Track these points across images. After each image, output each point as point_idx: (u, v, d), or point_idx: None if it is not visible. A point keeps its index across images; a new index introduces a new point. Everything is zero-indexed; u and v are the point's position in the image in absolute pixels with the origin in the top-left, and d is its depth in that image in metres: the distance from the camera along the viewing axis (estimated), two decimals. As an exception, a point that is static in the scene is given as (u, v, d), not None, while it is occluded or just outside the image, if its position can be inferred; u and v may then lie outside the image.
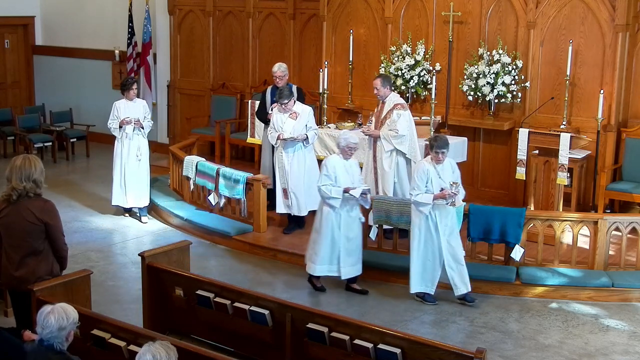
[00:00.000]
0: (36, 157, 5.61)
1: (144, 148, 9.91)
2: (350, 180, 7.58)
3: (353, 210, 7.65)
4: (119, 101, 9.93)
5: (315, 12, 11.73)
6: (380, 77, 8.77)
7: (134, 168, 9.84)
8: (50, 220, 5.54)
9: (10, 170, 5.48)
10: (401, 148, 8.55)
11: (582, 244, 8.20)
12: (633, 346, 6.78)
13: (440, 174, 7.33)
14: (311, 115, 8.94)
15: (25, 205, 5.46)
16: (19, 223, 5.48)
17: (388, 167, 8.62)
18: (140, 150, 9.85)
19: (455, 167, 7.51)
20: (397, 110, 8.54)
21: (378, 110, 8.79)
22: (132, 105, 9.84)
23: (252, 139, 10.63)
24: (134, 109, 9.81)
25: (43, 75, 15.56)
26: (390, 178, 8.62)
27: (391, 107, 8.59)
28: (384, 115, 8.62)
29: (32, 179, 5.44)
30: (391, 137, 8.51)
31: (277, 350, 5.83)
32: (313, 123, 8.95)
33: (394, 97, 8.73)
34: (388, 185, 8.64)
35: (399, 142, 8.53)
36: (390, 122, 8.53)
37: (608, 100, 9.39)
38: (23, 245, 5.53)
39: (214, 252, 9.07)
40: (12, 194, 5.44)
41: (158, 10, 13.55)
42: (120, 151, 9.84)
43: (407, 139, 8.55)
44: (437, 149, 7.27)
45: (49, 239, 5.59)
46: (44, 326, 4.27)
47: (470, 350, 5.02)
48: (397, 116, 8.51)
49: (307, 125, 8.85)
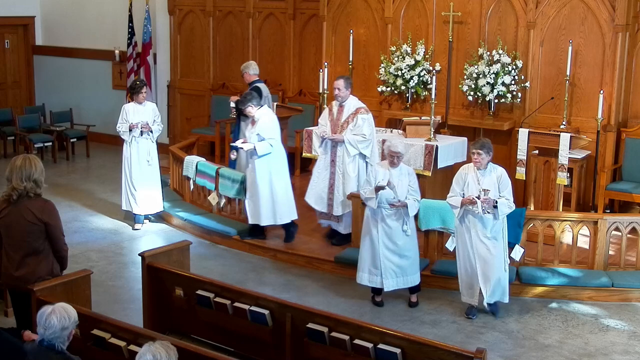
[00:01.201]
0: (36, 157, 5.61)
1: (153, 152, 9.65)
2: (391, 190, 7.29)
3: (395, 221, 7.30)
4: (128, 104, 9.67)
5: (315, 12, 11.73)
6: (343, 78, 8.58)
7: (146, 173, 9.58)
8: (51, 220, 5.53)
9: (11, 170, 5.48)
10: (366, 152, 8.42)
11: (582, 244, 8.20)
12: (633, 346, 6.78)
13: (480, 180, 7.04)
14: (266, 125, 8.42)
15: (26, 205, 5.46)
16: (19, 223, 5.47)
17: (353, 171, 8.43)
18: (150, 155, 9.60)
19: (504, 178, 7.06)
20: (361, 115, 8.40)
21: (335, 113, 8.58)
22: (141, 108, 9.54)
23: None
24: (143, 113, 9.53)
25: (43, 75, 15.56)
26: (353, 182, 8.43)
27: (353, 111, 8.44)
28: (344, 119, 8.47)
29: (33, 178, 5.44)
30: (358, 142, 8.35)
31: (277, 350, 5.83)
32: (268, 133, 8.41)
33: (353, 100, 8.58)
34: (350, 190, 8.44)
35: (365, 147, 8.39)
36: (354, 127, 8.36)
37: (608, 100, 9.39)
38: (23, 245, 5.53)
39: (214, 252, 9.07)
40: (13, 194, 5.44)
41: (158, 10, 13.56)
42: (129, 155, 9.57)
43: (371, 142, 8.45)
44: (472, 148, 7.07)
45: (49, 239, 5.59)
46: (46, 327, 4.26)
47: (470, 350, 5.01)
48: (362, 120, 8.37)
49: (259, 134, 8.43)
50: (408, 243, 7.37)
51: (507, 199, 7.01)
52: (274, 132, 8.50)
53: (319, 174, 8.70)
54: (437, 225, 7.97)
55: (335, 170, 8.56)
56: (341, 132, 8.45)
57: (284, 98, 12.22)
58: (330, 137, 8.50)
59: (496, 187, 7.02)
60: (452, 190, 7.18)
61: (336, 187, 8.57)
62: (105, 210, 10.49)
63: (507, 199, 7.01)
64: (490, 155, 7.07)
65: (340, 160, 8.48)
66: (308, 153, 9.61)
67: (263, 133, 8.40)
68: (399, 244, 7.33)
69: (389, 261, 7.32)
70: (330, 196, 8.62)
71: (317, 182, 8.71)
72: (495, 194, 7.00)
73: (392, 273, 7.35)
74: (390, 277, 7.35)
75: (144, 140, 9.55)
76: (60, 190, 11.33)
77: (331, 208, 8.66)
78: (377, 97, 11.01)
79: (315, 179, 8.75)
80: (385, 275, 7.34)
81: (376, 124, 10.17)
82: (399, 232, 7.32)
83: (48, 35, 15.52)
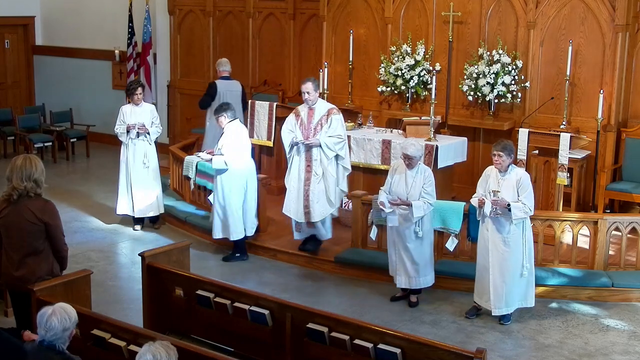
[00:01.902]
0: (37, 157, 5.62)
1: (150, 154, 9.53)
2: (403, 190, 7.29)
3: (406, 220, 7.32)
4: (125, 106, 9.58)
5: (315, 12, 11.73)
6: (310, 80, 8.25)
7: (142, 175, 9.49)
8: (51, 220, 5.53)
9: (11, 170, 5.48)
10: (342, 153, 8.20)
11: (582, 244, 8.20)
12: (633, 346, 6.78)
13: (501, 182, 6.93)
14: (226, 141, 8.39)
15: (26, 205, 5.46)
16: (19, 223, 5.48)
17: (334, 173, 8.21)
18: (147, 157, 9.47)
19: (523, 181, 6.92)
20: (335, 115, 8.18)
21: (305, 116, 8.26)
22: (138, 109, 9.44)
23: (252, 140, 10.61)
24: (140, 114, 9.42)
25: (43, 75, 15.56)
26: (334, 184, 8.24)
27: (325, 113, 8.19)
28: (316, 122, 8.19)
29: (33, 178, 5.44)
30: (335, 144, 8.12)
31: (277, 350, 5.83)
32: (225, 149, 8.37)
33: (323, 102, 8.41)
34: (331, 190, 8.22)
35: (341, 148, 8.18)
36: (328, 129, 8.12)
37: (608, 100, 9.39)
38: (23, 245, 5.53)
39: (214, 252, 9.07)
40: (13, 194, 5.45)
41: (158, 10, 13.56)
42: (125, 157, 9.49)
43: (345, 143, 8.27)
44: (493, 150, 6.96)
45: (49, 239, 5.58)
46: (47, 329, 4.25)
47: (470, 350, 5.01)
48: (337, 121, 8.16)
49: (217, 146, 8.46)
50: (419, 246, 7.38)
51: (524, 204, 6.85)
52: (232, 150, 8.39)
53: (292, 184, 8.34)
54: (438, 225, 7.97)
55: (311, 176, 8.22)
56: (314, 135, 8.16)
57: (284, 98, 12.22)
58: (307, 142, 8.16)
59: (515, 190, 6.91)
60: (476, 192, 7.16)
61: (312, 192, 8.21)
62: (106, 210, 10.49)
63: (524, 204, 6.85)
64: (511, 158, 6.96)
65: (318, 164, 8.19)
66: None
67: (222, 149, 8.41)
68: (412, 243, 7.36)
69: (400, 259, 7.40)
70: (306, 203, 8.24)
71: (292, 192, 8.34)
72: (511, 196, 6.89)
73: (402, 271, 7.43)
74: (401, 275, 7.45)
75: (141, 142, 9.45)
76: (60, 190, 11.33)
77: (308, 216, 8.28)
78: (377, 97, 11.01)
79: (290, 188, 8.37)
80: (399, 273, 7.46)
81: (376, 123, 10.25)
82: (410, 232, 7.35)
83: (48, 35, 15.52)
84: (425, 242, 7.42)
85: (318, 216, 8.28)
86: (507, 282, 7.02)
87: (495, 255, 7.02)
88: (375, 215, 8.23)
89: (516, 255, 7.01)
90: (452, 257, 8.11)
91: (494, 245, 7.02)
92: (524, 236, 7.01)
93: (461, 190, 9.66)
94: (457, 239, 8.00)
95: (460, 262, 8.05)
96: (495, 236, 7.00)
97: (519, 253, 7.01)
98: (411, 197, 7.25)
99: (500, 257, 7.00)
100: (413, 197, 7.24)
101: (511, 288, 7.05)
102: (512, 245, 6.98)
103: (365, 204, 8.41)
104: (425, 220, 7.37)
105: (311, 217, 8.29)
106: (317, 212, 8.26)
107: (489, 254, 7.05)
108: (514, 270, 7.02)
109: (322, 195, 8.23)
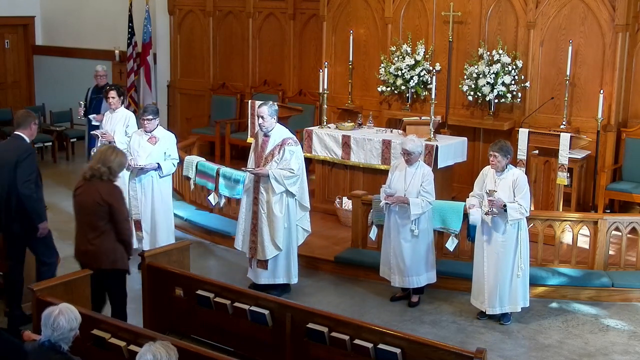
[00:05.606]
0: (122, 151, 6.23)
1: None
2: (402, 187, 7.28)
3: (403, 218, 7.30)
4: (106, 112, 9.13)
5: (315, 12, 11.74)
6: (266, 105, 7.39)
7: None
8: (115, 202, 5.94)
9: (95, 154, 6.20)
10: (293, 189, 7.33)
11: (582, 244, 8.20)
12: (633, 346, 6.78)
13: (497, 182, 6.90)
14: (173, 143, 8.11)
15: (96, 186, 5.94)
16: (87, 202, 5.96)
17: (279, 211, 7.34)
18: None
19: (519, 182, 6.87)
20: (289, 147, 7.30)
21: (259, 144, 7.46)
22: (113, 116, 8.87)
23: (252, 139, 10.60)
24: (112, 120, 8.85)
25: (43, 75, 15.55)
26: (280, 224, 7.36)
27: (279, 142, 7.32)
28: (269, 151, 7.35)
29: (108, 165, 5.96)
30: (284, 178, 7.25)
31: (277, 350, 5.83)
32: (174, 152, 8.09)
33: (280, 130, 7.43)
34: (277, 232, 7.36)
35: (292, 183, 7.31)
36: (280, 160, 7.29)
37: (608, 100, 9.39)
38: (89, 223, 5.98)
39: (214, 252, 9.07)
40: (87, 172, 6.00)
41: (158, 10, 13.56)
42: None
43: (299, 178, 7.39)
44: (489, 150, 6.96)
45: (112, 221, 5.96)
46: (54, 328, 4.26)
47: (470, 350, 5.02)
48: (290, 153, 7.28)
49: (165, 152, 8.08)
50: (414, 245, 7.36)
51: (520, 204, 6.83)
52: None
53: (241, 214, 7.63)
54: (437, 225, 7.96)
55: (259, 210, 7.41)
56: (265, 165, 7.36)
57: (284, 98, 12.22)
58: (253, 172, 7.38)
59: (511, 190, 6.88)
60: (473, 191, 7.17)
61: (259, 228, 7.42)
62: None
63: (520, 204, 6.83)
64: (507, 158, 6.93)
65: (264, 199, 7.38)
66: (308, 153, 9.59)
67: (170, 150, 8.16)
68: (408, 241, 7.35)
69: (395, 257, 7.39)
70: (253, 238, 7.47)
71: (240, 223, 7.63)
72: (507, 196, 6.87)
73: (397, 270, 7.42)
74: (397, 274, 7.43)
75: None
76: (60, 190, 11.31)
77: (254, 251, 7.51)
78: (377, 97, 11.01)
79: (239, 219, 7.67)
80: (393, 271, 7.44)
81: (376, 123, 10.24)
82: (407, 230, 7.34)
83: (48, 35, 15.51)
84: (421, 241, 7.39)
85: (263, 255, 7.48)
86: (501, 282, 7.01)
87: (490, 256, 7.03)
88: (375, 215, 8.25)
89: (511, 256, 7.00)
90: (452, 257, 8.11)
91: (490, 245, 7.03)
92: (519, 237, 7.00)
93: (461, 190, 9.66)
94: (457, 239, 7.99)
95: (460, 262, 8.04)
96: (491, 236, 7.01)
97: (513, 253, 7.01)
98: (409, 194, 7.25)
99: (496, 257, 7.01)
100: (411, 193, 7.24)
101: (505, 288, 7.04)
102: (507, 246, 6.98)
103: (365, 204, 8.41)
104: (422, 219, 7.36)
105: (257, 255, 7.51)
106: (263, 250, 7.47)
107: (485, 254, 7.06)
108: (508, 271, 7.01)
109: (267, 234, 7.42)
